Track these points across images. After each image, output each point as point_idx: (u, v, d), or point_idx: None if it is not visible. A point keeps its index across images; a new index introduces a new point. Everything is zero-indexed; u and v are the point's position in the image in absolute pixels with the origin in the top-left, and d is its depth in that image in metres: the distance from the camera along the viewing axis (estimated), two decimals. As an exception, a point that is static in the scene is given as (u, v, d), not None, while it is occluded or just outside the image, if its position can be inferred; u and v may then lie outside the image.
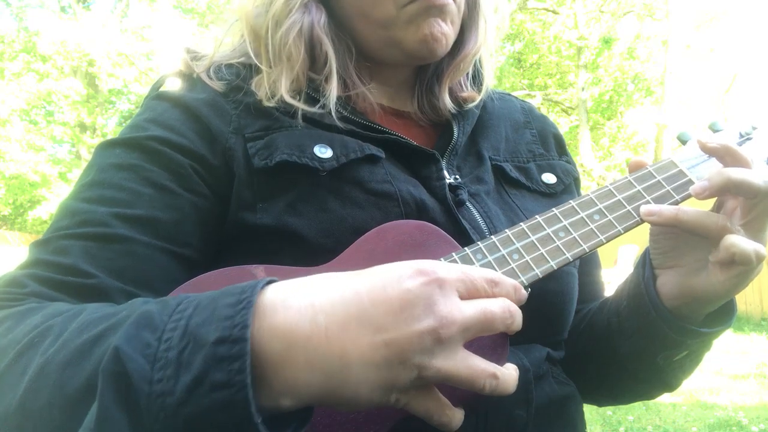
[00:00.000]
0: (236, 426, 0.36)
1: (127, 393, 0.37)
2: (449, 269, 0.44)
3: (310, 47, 0.69)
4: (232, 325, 0.38)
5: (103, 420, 0.37)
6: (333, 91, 0.67)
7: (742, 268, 0.56)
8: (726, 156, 0.60)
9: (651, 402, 3.82)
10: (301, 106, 0.66)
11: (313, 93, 0.69)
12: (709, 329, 0.64)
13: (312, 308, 0.40)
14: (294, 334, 0.39)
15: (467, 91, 0.79)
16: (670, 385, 0.72)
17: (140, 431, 0.36)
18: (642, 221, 0.60)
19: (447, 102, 0.75)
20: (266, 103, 0.66)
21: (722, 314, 0.65)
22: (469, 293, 0.44)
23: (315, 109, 0.67)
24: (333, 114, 0.67)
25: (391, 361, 0.40)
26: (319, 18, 0.69)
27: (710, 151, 0.61)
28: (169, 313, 0.41)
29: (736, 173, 0.56)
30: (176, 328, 0.39)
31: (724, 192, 0.58)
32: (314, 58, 0.70)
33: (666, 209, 0.58)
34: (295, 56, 0.68)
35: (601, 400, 0.82)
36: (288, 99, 0.66)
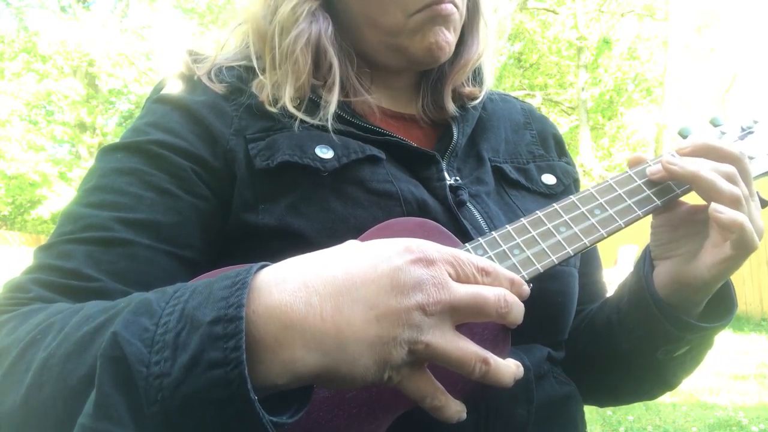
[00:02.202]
0: (233, 404, 0.37)
1: (125, 376, 0.38)
2: (439, 250, 0.45)
3: (315, 56, 0.70)
4: (227, 305, 0.39)
5: (102, 404, 0.37)
6: (333, 103, 0.68)
7: (732, 251, 0.58)
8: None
9: (651, 402, 3.82)
10: (301, 115, 0.67)
11: (316, 98, 0.69)
12: (709, 324, 0.64)
13: (306, 289, 0.41)
14: (289, 315, 0.40)
15: (469, 88, 0.79)
16: (670, 384, 0.73)
17: (138, 414, 0.37)
18: (642, 216, 0.61)
19: (450, 105, 0.76)
20: (268, 108, 0.67)
21: (722, 310, 0.66)
22: (459, 277, 0.45)
23: (315, 121, 0.67)
24: (329, 126, 0.67)
25: (384, 338, 0.41)
26: (326, 28, 0.70)
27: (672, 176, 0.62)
28: (166, 300, 0.42)
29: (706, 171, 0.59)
30: (173, 312, 0.40)
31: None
32: (318, 66, 0.70)
33: (689, 163, 0.60)
34: (302, 65, 0.68)
35: (602, 400, 0.82)
36: (291, 108, 0.66)
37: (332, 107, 0.68)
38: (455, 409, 0.46)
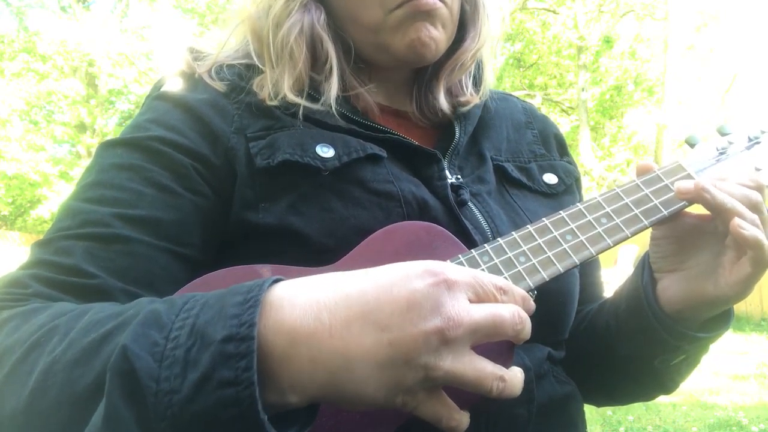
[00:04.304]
0: (243, 423, 0.37)
1: (134, 391, 0.37)
2: (459, 272, 0.44)
3: (311, 45, 0.69)
4: (239, 324, 0.38)
5: (111, 418, 0.37)
6: (333, 88, 0.67)
7: (752, 268, 0.57)
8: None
9: (651, 402, 3.80)
10: (303, 102, 0.66)
11: (314, 93, 0.69)
12: (707, 334, 0.64)
13: (317, 306, 0.40)
14: (298, 330, 0.39)
15: (466, 95, 0.78)
16: (667, 388, 0.73)
17: (147, 429, 0.37)
18: (648, 226, 0.60)
19: (443, 102, 0.74)
20: (269, 103, 0.66)
21: (720, 318, 0.66)
22: (479, 298, 0.44)
23: (317, 107, 0.67)
24: (333, 111, 0.66)
25: (396, 361, 0.40)
26: (318, 16, 0.70)
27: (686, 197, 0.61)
28: (176, 312, 0.41)
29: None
30: (183, 326, 0.40)
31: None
32: (316, 57, 0.70)
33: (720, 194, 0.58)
34: (297, 55, 0.68)
35: (599, 401, 0.82)
36: (291, 97, 0.66)
37: (333, 91, 0.67)
38: (466, 422, 0.45)
